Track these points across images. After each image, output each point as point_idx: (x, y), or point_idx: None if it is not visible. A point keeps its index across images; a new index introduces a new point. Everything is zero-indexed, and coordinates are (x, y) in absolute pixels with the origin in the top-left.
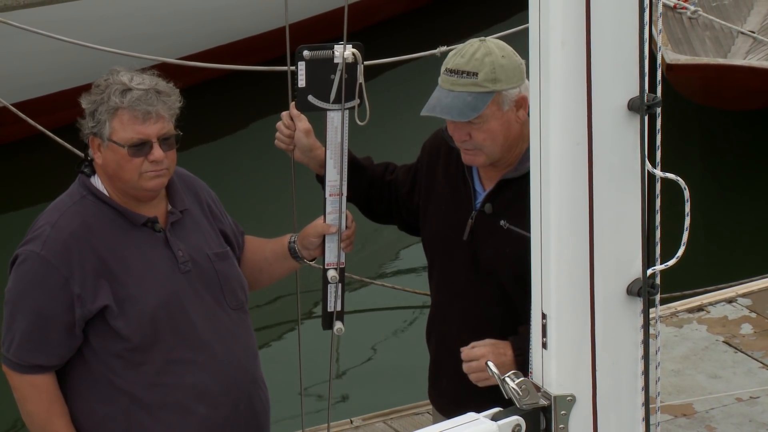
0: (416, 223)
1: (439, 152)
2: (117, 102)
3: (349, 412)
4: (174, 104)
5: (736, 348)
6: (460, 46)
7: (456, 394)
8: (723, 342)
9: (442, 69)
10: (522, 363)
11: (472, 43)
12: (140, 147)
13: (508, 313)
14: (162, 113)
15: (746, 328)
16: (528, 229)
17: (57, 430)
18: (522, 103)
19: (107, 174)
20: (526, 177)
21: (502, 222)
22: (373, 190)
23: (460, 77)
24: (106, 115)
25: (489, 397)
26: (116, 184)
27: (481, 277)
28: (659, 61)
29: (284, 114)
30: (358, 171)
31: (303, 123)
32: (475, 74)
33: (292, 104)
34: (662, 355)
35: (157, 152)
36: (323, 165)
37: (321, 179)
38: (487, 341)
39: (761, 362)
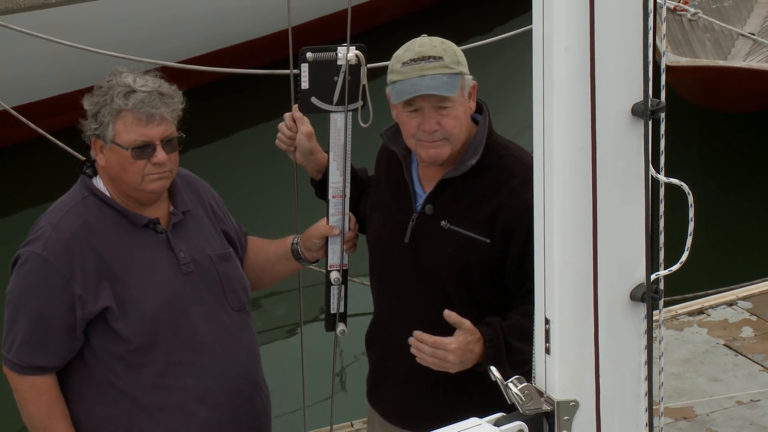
0: None
1: (382, 160)
2: (120, 104)
3: (349, 415)
4: (177, 106)
5: (736, 351)
6: (405, 45)
7: (400, 398)
8: (723, 345)
9: (398, 66)
10: (493, 356)
11: (416, 38)
12: (143, 149)
13: None
14: (165, 116)
15: (747, 331)
16: (469, 228)
17: None
18: (473, 93)
19: (110, 176)
20: (465, 176)
21: (443, 222)
22: (361, 202)
23: (428, 62)
24: (109, 117)
25: (433, 401)
26: (118, 186)
27: (424, 279)
28: (663, 64)
29: (287, 115)
30: (353, 183)
31: (305, 126)
32: (441, 58)
33: (295, 106)
34: (663, 358)
35: (160, 155)
36: (321, 170)
37: (316, 184)
38: (458, 338)
39: (761, 365)
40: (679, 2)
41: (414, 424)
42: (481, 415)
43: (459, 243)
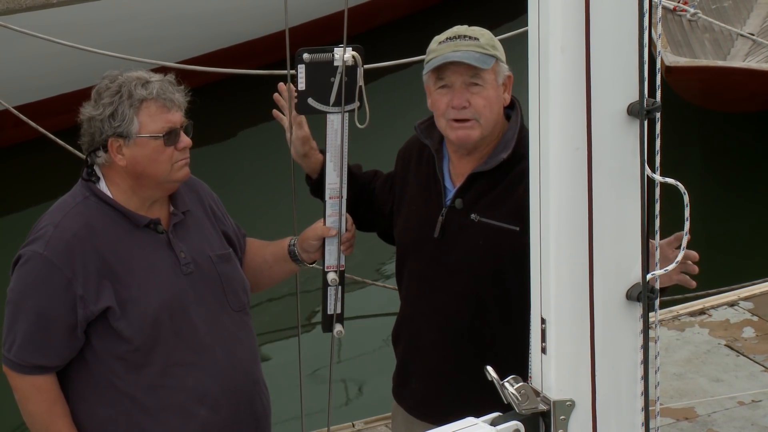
0: (392, 232)
1: (411, 156)
2: (143, 94)
3: (351, 416)
4: (184, 94)
5: (737, 351)
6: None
7: (425, 393)
8: (725, 345)
9: (434, 45)
10: None
11: (460, 26)
12: (170, 135)
13: (477, 311)
14: (181, 101)
15: (748, 332)
16: (499, 219)
17: (59, 430)
18: (508, 85)
19: (134, 173)
20: (495, 170)
21: (473, 216)
22: (361, 198)
23: (463, 40)
24: (131, 111)
25: (458, 397)
26: (143, 182)
27: (453, 274)
28: (658, 64)
29: (281, 87)
30: (350, 179)
31: (302, 131)
32: (476, 39)
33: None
34: (664, 358)
35: (185, 138)
36: (315, 170)
37: (310, 182)
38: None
39: (763, 365)
40: (678, 2)
41: (439, 419)
42: (505, 412)
43: (490, 234)
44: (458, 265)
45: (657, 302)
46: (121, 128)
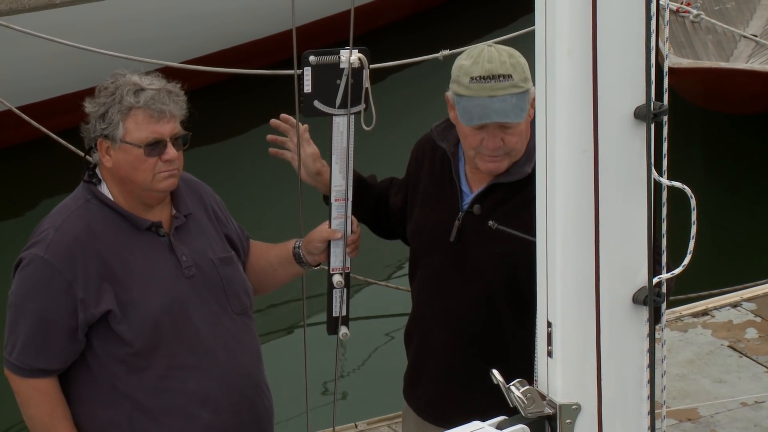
0: None
1: (423, 156)
2: (131, 102)
3: (354, 416)
4: (183, 104)
5: (740, 352)
6: (467, 53)
7: (435, 395)
8: (728, 346)
9: (465, 80)
10: None
11: (482, 49)
12: (155, 146)
13: (490, 315)
14: (174, 113)
15: (751, 333)
16: (517, 228)
17: None
18: (533, 102)
19: (118, 177)
20: (517, 182)
21: (490, 222)
22: (379, 209)
23: (498, 81)
24: (118, 116)
25: (467, 400)
26: (127, 187)
27: (467, 279)
28: (665, 68)
29: (283, 117)
30: (365, 190)
31: (311, 147)
32: (510, 76)
33: (304, 127)
34: (667, 359)
35: (171, 151)
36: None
37: (327, 200)
38: None
39: (766, 366)
40: (681, 4)
41: (448, 422)
42: (511, 415)
43: (507, 243)
44: (473, 271)
45: (663, 306)
46: (107, 131)
